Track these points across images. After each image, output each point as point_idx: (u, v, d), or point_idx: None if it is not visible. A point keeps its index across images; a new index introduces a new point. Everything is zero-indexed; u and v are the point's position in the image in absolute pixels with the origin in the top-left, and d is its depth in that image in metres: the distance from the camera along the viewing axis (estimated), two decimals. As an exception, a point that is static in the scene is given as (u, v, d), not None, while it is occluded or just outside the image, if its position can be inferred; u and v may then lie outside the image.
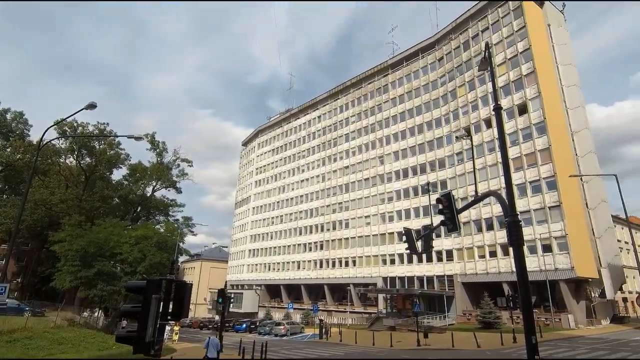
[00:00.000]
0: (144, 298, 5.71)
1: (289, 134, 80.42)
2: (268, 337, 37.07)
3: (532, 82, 42.53)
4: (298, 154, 76.33)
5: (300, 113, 79.13)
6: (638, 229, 62.17)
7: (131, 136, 18.26)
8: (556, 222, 37.05)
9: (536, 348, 6.09)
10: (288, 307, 50.12)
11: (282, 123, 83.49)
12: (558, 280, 35.77)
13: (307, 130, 75.84)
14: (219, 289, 23.70)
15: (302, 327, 43.86)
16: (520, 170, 41.36)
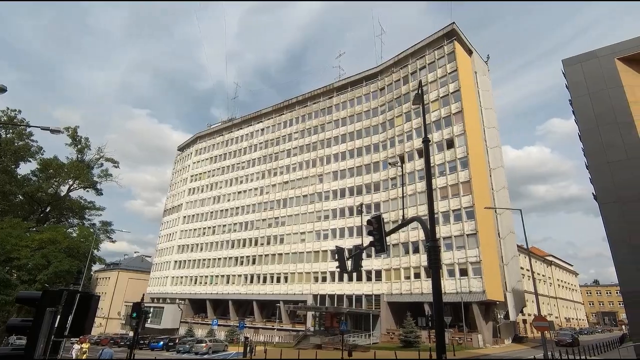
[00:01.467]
0: (37, 311, 5.00)
1: (230, 143, 78.49)
2: (187, 356, 34.71)
3: (459, 121, 46.90)
4: (237, 164, 74.62)
5: (244, 124, 77.92)
6: (537, 258, 70.58)
7: (47, 128, 16.16)
8: (472, 249, 40.55)
9: None
10: (212, 324, 47.59)
11: (224, 132, 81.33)
12: (471, 302, 38.88)
13: (248, 142, 74.72)
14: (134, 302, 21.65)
15: (225, 345, 41.79)
16: (446, 199, 44.84)
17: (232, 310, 61.86)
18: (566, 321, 76.08)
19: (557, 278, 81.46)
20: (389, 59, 58.54)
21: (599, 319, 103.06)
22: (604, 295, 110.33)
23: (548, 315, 59.67)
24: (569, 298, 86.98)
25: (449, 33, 51.53)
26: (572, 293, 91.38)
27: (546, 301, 68.28)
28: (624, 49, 29.32)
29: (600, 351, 28.47)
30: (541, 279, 69.51)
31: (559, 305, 76.14)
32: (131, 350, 20.10)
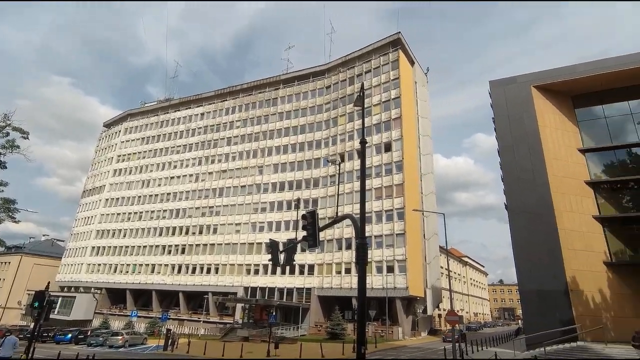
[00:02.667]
0: None
1: (165, 125, 73.82)
2: (100, 349, 32.19)
3: (398, 126, 49.57)
4: (172, 148, 70.51)
5: (182, 106, 73.77)
6: (454, 259, 77.66)
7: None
8: (400, 248, 43.31)
9: (364, 356, 6.87)
10: (131, 315, 44.52)
11: (159, 112, 76.19)
12: (395, 297, 41.59)
13: (186, 125, 70.96)
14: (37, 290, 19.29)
15: (145, 337, 39.49)
16: (380, 199, 47.16)
17: (156, 301, 58.61)
18: (474, 315, 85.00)
19: (470, 277, 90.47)
20: (337, 58, 59.63)
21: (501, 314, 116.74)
22: (506, 293, 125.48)
23: (460, 310, 66.17)
24: (479, 295, 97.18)
25: (394, 42, 53.97)
26: (482, 291, 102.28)
27: (459, 297, 75.57)
28: (539, 78, 33.35)
29: (498, 342, 32.47)
30: (457, 277, 76.70)
31: (469, 302, 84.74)
32: (30, 343, 17.84)
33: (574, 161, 30.90)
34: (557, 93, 33.06)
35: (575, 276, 26.33)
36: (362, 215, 8.00)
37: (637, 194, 29.54)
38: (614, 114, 31.86)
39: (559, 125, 32.23)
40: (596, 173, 30.84)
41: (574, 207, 28.90)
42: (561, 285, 25.92)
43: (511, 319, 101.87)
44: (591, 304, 26.13)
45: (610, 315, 26.00)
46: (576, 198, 29.27)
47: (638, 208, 28.79)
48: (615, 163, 30.99)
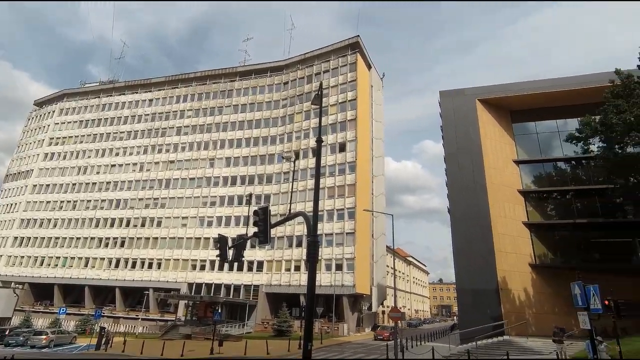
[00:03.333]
0: None
1: (108, 108, 68.62)
2: (20, 350, 29.20)
3: (353, 127, 50.63)
4: (115, 134, 65.77)
5: (128, 89, 69.03)
6: (400, 258, 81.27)
7: None
8: (349, 246, 44.38)
9: (310, 353, 6.97)
10: (59, 312, 40.86)
11: (101, 94, 70.62)
12: (343, 294, 42.58)
13: (132, 111, 66.53)
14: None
15: (74, 336, 36.44)
16: (332, 198, 47.89)
17: (89, 297, 54.47)
18: (415, 312, 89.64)
19: (413, 276, 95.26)
20: (297, 55, 59.42)
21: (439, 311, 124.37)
22: (445, 291, 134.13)
23: (402, 308, 69.38)
24: (420, 293, 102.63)
25: (353, 44, 54.97)
26: (423, 289, 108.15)
27: (403, 295, 79.22)
28: (483, 93, 35.92)
29: (435, 337, 34.70)
30: (401, 276, 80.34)
31: (412, 299, 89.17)
32: None
33: (509, 171, 33.77)
34: (498, 107, 35.84)
35: (505, 276, 28.85)
36: (314, 214, 8.03)
37: (559, 204, 33.07)
38: (544, 130, 35.32)
39: (498, 137, 35.00)
40: (527, 183, 34.00)
41: (507, 213, 31.60)
42: (493, 284, 28.24)
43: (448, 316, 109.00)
44: (517, 302, 28.82)
45: (532, 311, 28.89)
46: (509, 205, 32.03)
47: (559, 216, 32.25)
48: (543, 175, 34.43)
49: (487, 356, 19.90)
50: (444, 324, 67.22)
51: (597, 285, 13.18)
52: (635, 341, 18.77)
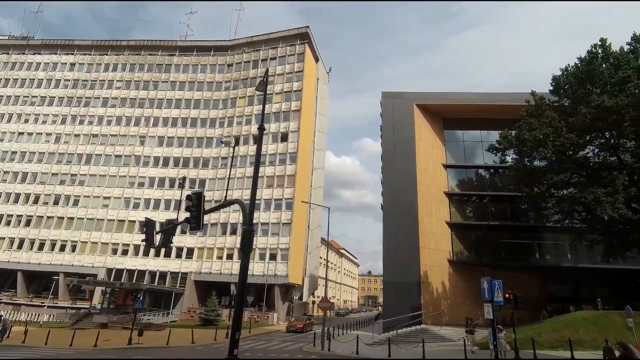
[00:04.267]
0: None
1: (19, 67, 59.92)
2: None
3: (296, 118, 50.52)
4: (26, 97, 57.79)
5: (46, 49, 60.82)
6: (333, 250, 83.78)
7: None
8: (285, 237, 44.53)
9: (237, 343, 6.90)
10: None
11: (11, 50, 61.33)
12: (274, 284, 42.73)
13: (48, 73, 58.88)
14: None
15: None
16: (271, 187, 47.49)
17: (-19, 283, 47.60)
18: (344, 302, 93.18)
19: (344, 267, 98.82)
20: (243, 37, 57.32)
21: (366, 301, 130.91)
22: (373, 283, 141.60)
23: (332, 298, 71.72)
24: (350, 284, 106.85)
25: (302, 35, 54.55)
26: (352, 280, 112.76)
27: (333, 286, 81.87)
28: (420, 98, 38.20)
29: (361, 326, 36.60)
30: (333, 267, 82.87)
31: (341, 290, 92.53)
32: None
33: (438, 174, 36.53)
34: (433, 113, 38.40)
35: (427, 270, 31.37)
36: (252, 202, 7.86)
37: (477, 207, 36.73)
38: (470, 139, 38.75)
39: (431, 141, 37.57)
40: (452, 186, 37.12)
41: (433, 212, 34.23)
42: (415, 277, 30.54)
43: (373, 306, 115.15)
44: (435, 294, 31.56)
45: (447, 303, 31.88)
46: (435, 205, 34.71)
47: (476, 218, 35.85)
48: (466, 179, 37.86)
49: (405, 343, 21.52)
50: (370, 313, 71.03)
51: (502, 280, 14.98)
52: (527, 330, 21.75)
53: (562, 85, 26.75)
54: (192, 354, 19.76)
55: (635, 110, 22.35)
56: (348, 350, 20.09)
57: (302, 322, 35.34)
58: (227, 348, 7.11)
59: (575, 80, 25.81)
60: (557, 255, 34.33)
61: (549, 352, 18.30)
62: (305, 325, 34.53)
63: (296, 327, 33.79)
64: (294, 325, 34.41)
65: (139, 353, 19.99)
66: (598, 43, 25.62)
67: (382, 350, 19.69)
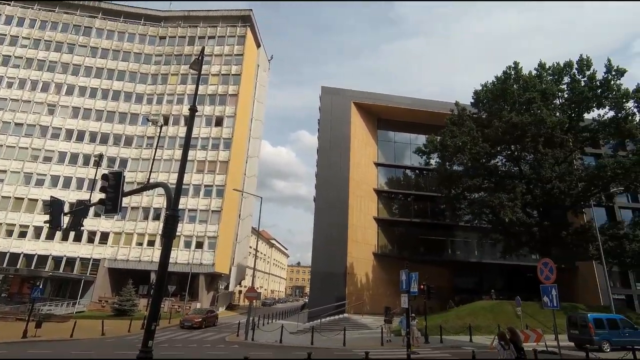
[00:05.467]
0: None
1: None
2: None
3: (233, 103, 48.77)
4: None
5: None
6: (263, 240, 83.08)
7: None
8: (214, 225, 43.00)
9: (153, 334, 6.53)
10: None
11: None
12: (200, 273, 41.15)
13: None
14: None
15: None
16: (201, 173, 45.34)
17: None
18: (271, 292, 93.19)
19: (274, 258, 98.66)
20: (180, 10, 53.57)
21: (293, 291, 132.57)
22: (301, 274, 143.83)
23: (259, 288, 71.27)
24: (278, 274, 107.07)
25: (245, 17, 52.59)
26: (281, 270, 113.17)
27: (261, 276, 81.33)
28: (357, 96, 39.50)
29: (286, 316, 37.11)
30: (263, 257, 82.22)
31: (269, 280, 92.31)
32: None
33: (369, 171, 38.28)
34: (368, 112, 39.96)
35: (353, 262, 32.88)
36: (178, 186, 7.35)
37: (402, 204, 39.36)
38: (401, 140, 41.23)
39: (365, 139, 39.14)
40: (381, 183, 39.22)
41: (363, 207, 35.86)
42: (342, 269, 31.84)
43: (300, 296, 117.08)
44: (359, 285, 33.27)
45: (369, 293, 33.83)
46: (365, 200, 36.39)
47: (401, 215, 38.41)
48: (394, 178, 40.28)
49: (328, 331, 22.41)
50: (297, 303, 72.21)
51: (418, 273, 16.34)
52: (436, 317, 24.10)
53: (481, 99, 29.78)
54: (99, 347, 18.23)
55: (536, 128, 25.82)
56: (272, 339, 20.29)
57: (201, 315, 28.81)
58: (139, 339, 6.69)
59: (492, 96, 28.92)
60: (466, 251, 38.51)
61: (453, 337, 20.54)
62: (206, 320, 28.34)
63: (192, 323, 27.14)
64: (190, 320, 27.49)
65: (36, 347, 17.85)
66: (512, 65, 28.97)
67: (306, 338, 20.26)
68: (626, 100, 26.03)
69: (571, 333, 18.05)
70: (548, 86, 27.83)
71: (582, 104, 27.23)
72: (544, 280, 10.69)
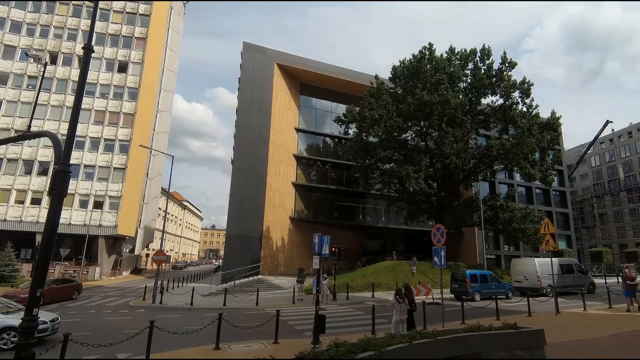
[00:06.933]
0: None
1: None
2: None
3: (140, 48, 43.33)
4: None
5: None
6: (175, 202, 78.33)
7: None
8: (117, 183, 39.01)
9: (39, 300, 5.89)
10: None
11: None
12: (99, 235, 37.47)
13: None
14: None
15: None
16: (100, 124, 40.18)
17: None
18: (183, 255, 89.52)
19: (186, 220, 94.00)
20: None
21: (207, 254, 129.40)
22: (216, 237, 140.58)
23: (170, 251, 67.93)
24: (191, 237, 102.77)
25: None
26: (194, 233, 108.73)
27: (172, 239, 77.20)
28: (281, 58, 38.13)
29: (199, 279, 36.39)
30: (173, 219, 77.70)
31: (181, 243, 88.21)
32: None
33: (290, 136, 38.17)
34: (291, 76, 39.18)
35: (269, 226, 33.26)
36: (70, 137, 6.30)
37: (320, 171, 40.49)
38: (322, 108, 41.64)
39: (287, 103, 38.55)
40: (301, 149, 39.57)
41: (281, 172, 35.97)
42: (258, 232, 32.03)
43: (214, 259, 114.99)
44: (274, 247, 33.98)
45: (284, 255, 34.86)
46: (284, 165, 36.51)
47: (318, 181, 39.59)
48: (313, 145, 40.95)
49: (242, 293, 22.75)
50: (210, 266, 70.97)
51: (330, 236, 17.29)
52: (345, 277, 26.14)
53: (398, 75, 31.36)
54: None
55: (442, 108, 28.35)
56: (182, 302, 19.87)
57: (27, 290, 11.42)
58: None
59: (408, 73, 30.63)
60: (375, 217, 41.81)
61: (358, 294, 22.61)
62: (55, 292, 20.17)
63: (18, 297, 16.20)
64: (16, 295, 17.08)
65: None
66: (427, 46, 30.83)
67: (218, 300, 20.29)
68: (513, 90, 29.97)
69: (453, 287, 21.28)
70: (455, 70, 30.45)
71: (480, 90, 30.54)
72: (436, 243, 12.20)
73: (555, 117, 30.66)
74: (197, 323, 11.88)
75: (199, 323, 11.63)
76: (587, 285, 22.63)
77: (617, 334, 9.40)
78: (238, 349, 9.18)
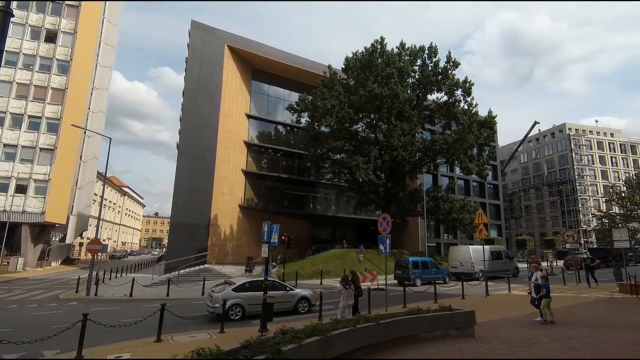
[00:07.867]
0: None
1: None
2: None
3: (72, 16, 39.34)
4: None
5: None
6: (113, 187, 72.84)
7: None
8: (44, 166, 35.38)
9: None
10: None
11: None
12: (23, 223, 33.86)
13: None
14: None
15: None
16: (24, 99, 36.02)
17: None
18: (122, 244, 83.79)
19: (126, 207, 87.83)
20: None
21: (149, 243, 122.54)
22: (159, 225, 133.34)
23: (106, 240, 63.27)
24: (131, 225, 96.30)
25: None
26: (135, 221, 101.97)
27: (109, 227, 71.82)
28: (233, 40, 36.66)
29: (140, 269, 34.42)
30: (111, 206, 72.23)
31: (120, 231, 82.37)
32: None
33: (240, 122, 37.14)
34: (243, 60, 37.94)
35: (217, 214, 32.30)
36: None
37: (271, 159, 40.02)
38: (274, 95, 40.99)
39: (238, 87, 37.34)
40: (252, 136, 38.73)
41: (231, 159, 34.98)
42: (205, 220, 30.97)
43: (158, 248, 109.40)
44: (222, 236, 33.13)
45: (232, 244, 34.15)
46: (234, 152, 35.51)
47: (269, 169, 39.14)
48: (265, 132, 40.29)
49: (187, 282, 22.01)
50: (153, 256, 67.39)
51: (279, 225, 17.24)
52: (294, 265, 26.36)
53: (351, 66, 31.75)
54: None
55: (391, 102, 29.29)
56: (121, 293, 18.77)
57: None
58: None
59: (360, 65, 31.12)
60: (325, 206, 42.42)
61: (307, 281, 22.92)
62: None
63: None
64: None
65: None
66: (379, 40, 31.49)
67: (161, 291, 19.44)
68: (457, 89, 31.78)
69: (397, 273, 22.41)
70: (405, 65, 31.48)
71: (427, 86, 31.96)
72: (382, 232, 12.71)
73: (492, 116, 33.06)
74: (137, 315, 11.29)
75: (139, 315, 11.06)
76: (513, 270, 25.11)
77: (534, 312, 10.58)
78: (181, 339, 8.90)
